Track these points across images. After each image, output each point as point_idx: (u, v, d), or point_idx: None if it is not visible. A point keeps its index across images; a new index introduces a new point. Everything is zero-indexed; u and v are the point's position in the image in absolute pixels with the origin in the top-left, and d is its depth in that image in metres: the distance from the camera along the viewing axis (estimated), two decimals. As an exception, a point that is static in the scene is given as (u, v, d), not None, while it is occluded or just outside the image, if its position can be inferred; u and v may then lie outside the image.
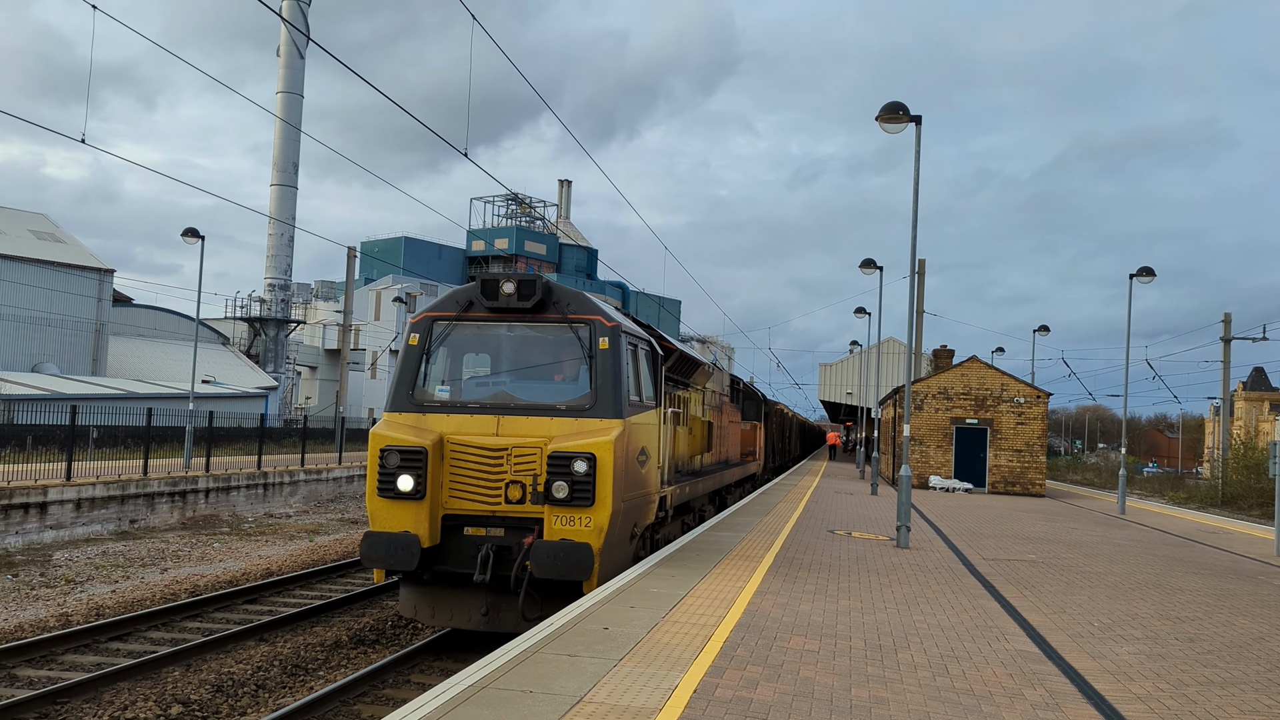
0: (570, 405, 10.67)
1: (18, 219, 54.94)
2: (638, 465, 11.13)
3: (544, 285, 11.01)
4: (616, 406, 10.57)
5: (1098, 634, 9.21)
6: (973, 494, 33.43)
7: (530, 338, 11.17)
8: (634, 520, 11.29)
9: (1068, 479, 63.07)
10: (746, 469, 26.82)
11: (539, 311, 11.05)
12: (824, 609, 9.61)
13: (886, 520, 20.27)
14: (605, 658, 7.11)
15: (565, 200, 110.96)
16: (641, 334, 12.04)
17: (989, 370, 35.61)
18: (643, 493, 11.47)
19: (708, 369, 18.59)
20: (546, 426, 10.50)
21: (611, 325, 10.91)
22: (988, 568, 13.64)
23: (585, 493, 10.00)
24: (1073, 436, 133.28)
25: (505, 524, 10.43)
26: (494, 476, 10.43)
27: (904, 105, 16.34)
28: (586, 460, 9.99)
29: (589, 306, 11.05)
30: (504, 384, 11.17)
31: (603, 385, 10.64)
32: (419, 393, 11.05)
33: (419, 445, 10.34)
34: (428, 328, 11.29)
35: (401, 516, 10.32)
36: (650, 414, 11.87)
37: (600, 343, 10.79)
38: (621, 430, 10.42)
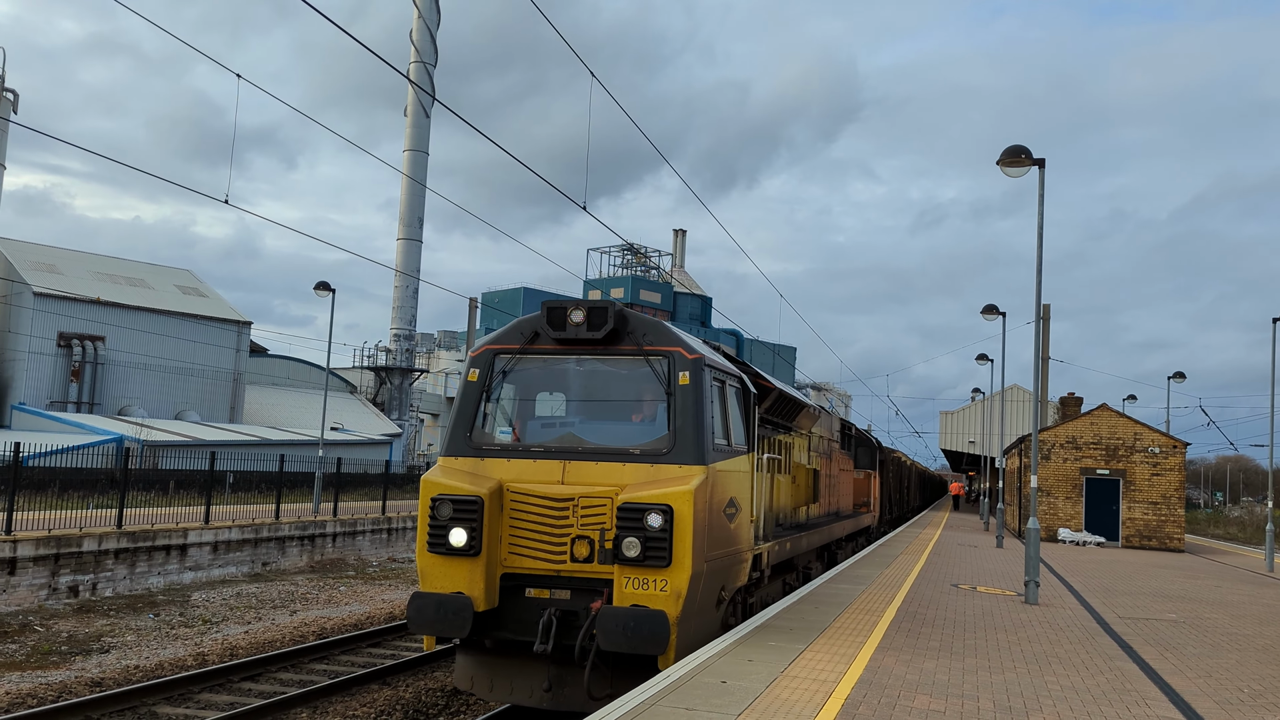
0: (645, 449, 9.41)
1: (164, 275, 58.28)
2: (725, 519, 9.86)
3: (617, 313, 9.80)
4: (699, 451, 9.29)
5: (1248, 701, 8.66)
6: (1105, 548, 31.98)
7: (601, 372, 10.00)
8: (721, 583, 9.94)
9: (1208, 533, 59.70)
10: (859, 521, 24.99)
11: (611, 343, 9.86)
12: (949, 667, 9.31)
13: (1013, 574, 19.55)
14: (723, 713, 7.02)
15: (680, 249, 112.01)
16: (731, 370, 10.83)
17: (1120, 418, 34.19)
18: (731, 550, 10.15)
19: (813, 411, 17.12)
20: (618, 474, 9.30)
21: (694, 358, 9.68)
22: (1124, 626, 13.00)
23: (660, 551, 8.76)
24: (1213, 488, 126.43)
25: (571, 585, 9.24)
26: (559, 530, 9.27)
27: (1026, 149, 16.03)
28: (662, 513, 8.77)
29: (668, 337, 9.84)
30: (572, 425, 9.99)
31: (682, 426, 9.39)
32: (478, 435, 9.94)
33: (474, 494, 9.23)
34: (489, 362, 10.17)
35: (454, 575, 9.22)
36: (741, 460, 10.61)
37: (680, 378, 9.56)
38: (704, 479, 9.16)
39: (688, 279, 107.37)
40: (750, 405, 11.23)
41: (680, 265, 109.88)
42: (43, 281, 49.72)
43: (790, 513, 15.21)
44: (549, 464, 9.50)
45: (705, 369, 9.70)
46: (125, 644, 15.37)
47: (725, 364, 10.68)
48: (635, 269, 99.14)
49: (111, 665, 13.84)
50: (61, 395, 49.65)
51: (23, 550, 18.19)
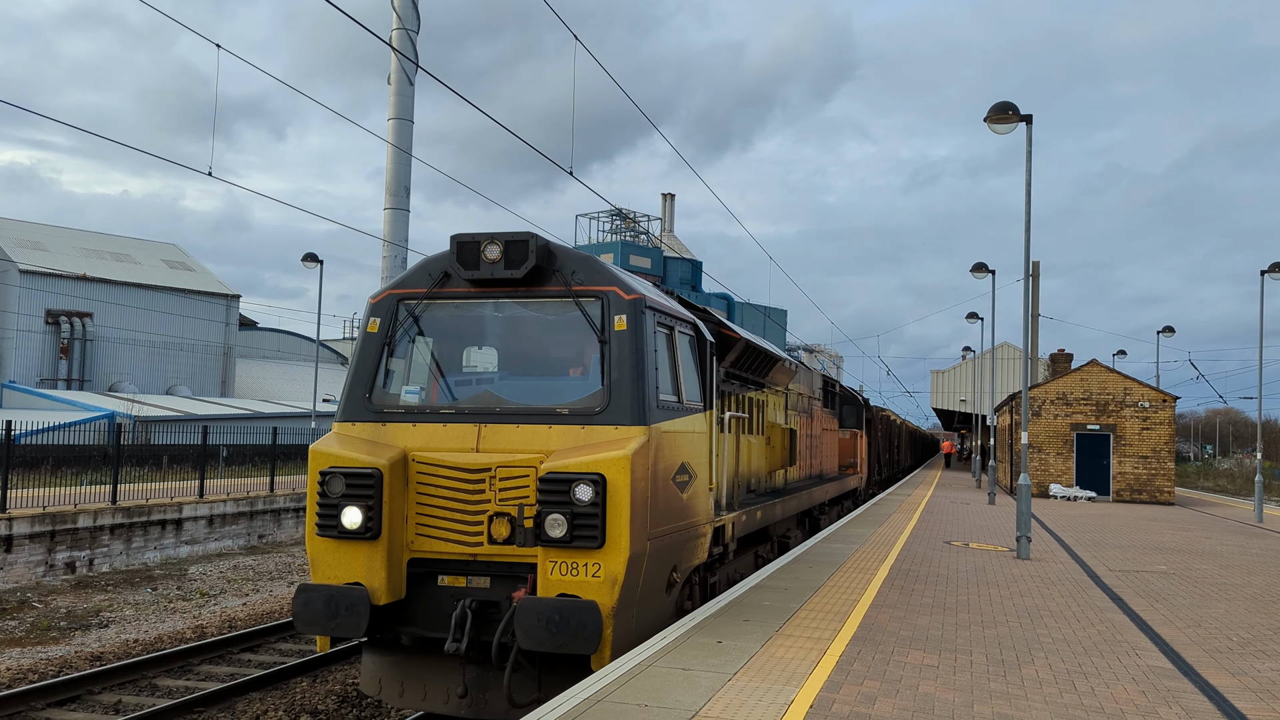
0: (575, 409, 8.08)
1: (151, 249, 57.91)
2: (674, 488, 8.53)
3: (540, 247, 8.40)
4: (638, 409, 7.96)
5: (1237, 649, 8.78)
6: (1096, 502, 32.24)
7: (523, 318, 8.63)
8: (671, 563, 8.64)
9: (1198, 486, 60.24)
10: (844, 484, 23.33)
11: (535, 282, 8.49)
12: (942, 622, 9.40)
13: (1005, 530, 19.71)
14: (720, 671, 7.09)
15: (669, 214, 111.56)
16: (682, 314, 9.44)
17: (1110, 374, 34.35)
18: (684, 524, 8.83)
19: (789, 366, 15.57)
20: (544, 438, 8.00)
21: (632, 298, 8.28)
22: (1115, 579, 13.14)
23: (590, 530, 7.47)
24: (1202, 441, 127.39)
25: (491, 571, 8.02)
26: (474, 507, 7.98)
27: (1013, 105, 15.96)
28: (592, 484, 7.48)
29: (602, 274, 8.46)
30: (489, 382, 8.68)
31: (618, 380, 8.03)
32: (379, 396, 8.60)
33: (371, 466, 7.93)
34: (391, 310, 8.79)
35: (350, 563, 7.96)
36: (695, 419, 9.22)
37: (616, 322, 8.19)
38: (645, 441, 7.83)
39: (677, 243, 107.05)
40: (707, 356, 9.87)
41: (669, 230, 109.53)
42: (28, 259, 49.36)
43: (764, 477, 14.28)
44: (462, 428, 8.22)
45: (646, 312, 8.36)
46: (124, 618, 15.44)
47: (675, 307, 9.34)
48: (624, 234, 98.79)
49: (111, 640, 13.92)
50: (51, 373, 49.47)
51: (18, 528, 18.21)
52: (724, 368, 11.50)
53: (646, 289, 8.94)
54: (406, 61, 68.68)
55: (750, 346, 12.46)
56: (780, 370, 14.84)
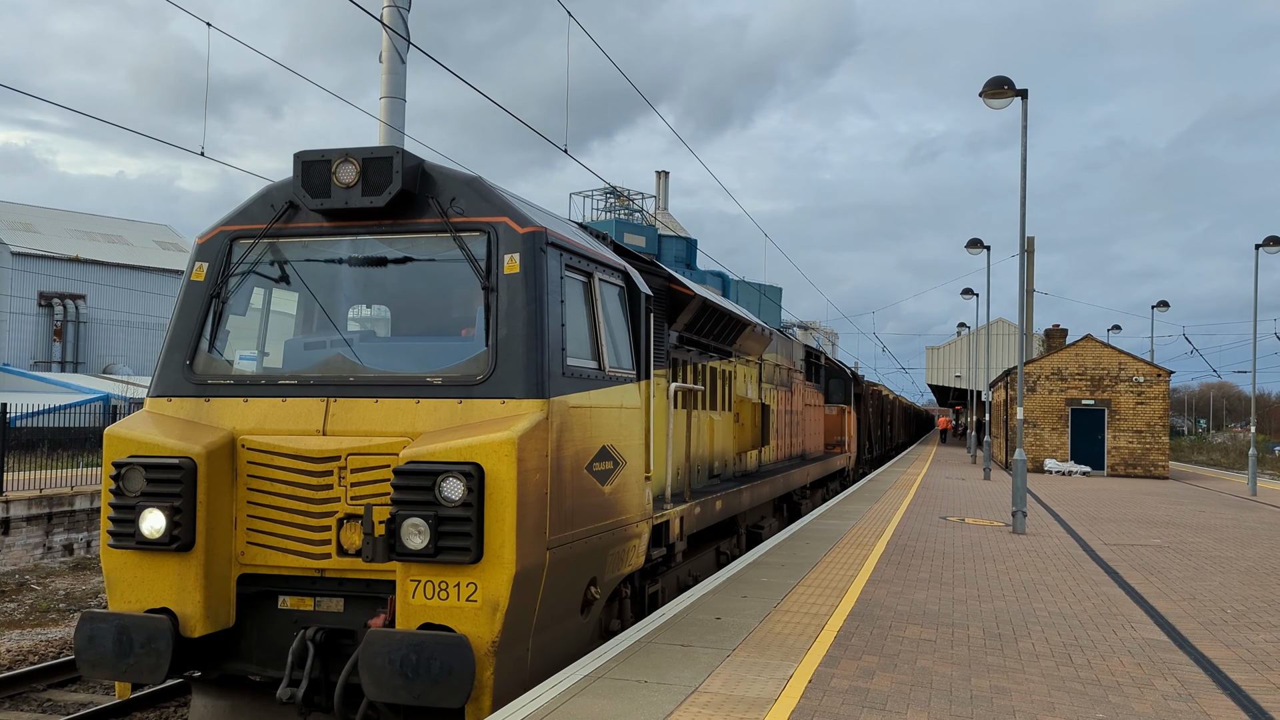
0: (450, 377, 6.29)
1: (143, 230, 57.71)
2: (590, 480, 6.82)
3: (410, 168, 6.57)
4: (533, 376, 6.18)
5: (1231, 621, 8.85)
6: (1091, 477, 32.39)
7: (387, 259, 6.80)
8: (587, 574, 6.94)
9: (1192, 460, 60.54)
10: (830, 464, 21.47)
11: (403, 213, 6.65)
12: (939, 597, 9.46)
13: (1001, 506, 19.80)
14: (719, 648, 7.13)
15: (663, 192, 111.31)
16: (607, 259, 7.68)
17: (1105, 349, 34.43)
18: (607, 525, 7.13)
19: (762, 334, 13.91)
20: (409, 415, 6.22)
21: (528, 232, 6.46)
22: (1110, 553, 13.21)
23: (461, 538, 5.70)
24: (1196, 416, 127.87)
25: (345, 590, 6.24)
26: (319, 507, 6.19)
27: (1009, 79, 15.93)
28: (463, 477, 5.71)
29: (491, 202, 6.60)
30: (341, 344, 6.78)
31: (507, 339, 6.23)
32: (203, 363, 6.77)
33: (179, 454, 6.13)
34: (222, 251, 6.94)
35: (154, 582, 6.17)
36: (624, 391, 7.49)
37: (507, 263, 6.38)
38: (541, 419, 6.07)
39: (672, 221, 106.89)
40: (644, 314, 8.06)
41: (664, 208, 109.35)
42: (20, 241, 49.18)
43: (732, 459, 12.90)
44: (305, 404, 6.41)
45: (549, 251, 6.56)
46: (123, 600, 15.47)
47: (597, 249, 7.64)
48: (619, 212, 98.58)
49: (110, 621, 13.94)
50: (45, 355, 49.39)
51: (15, 510, 18.21)
52: (676, 331, 10.05)
53: (553, 222, 7.08)
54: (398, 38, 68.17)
55: (709, 307, 10.73)
56: (751, 337, 13.33)
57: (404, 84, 67.25)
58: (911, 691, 6.21)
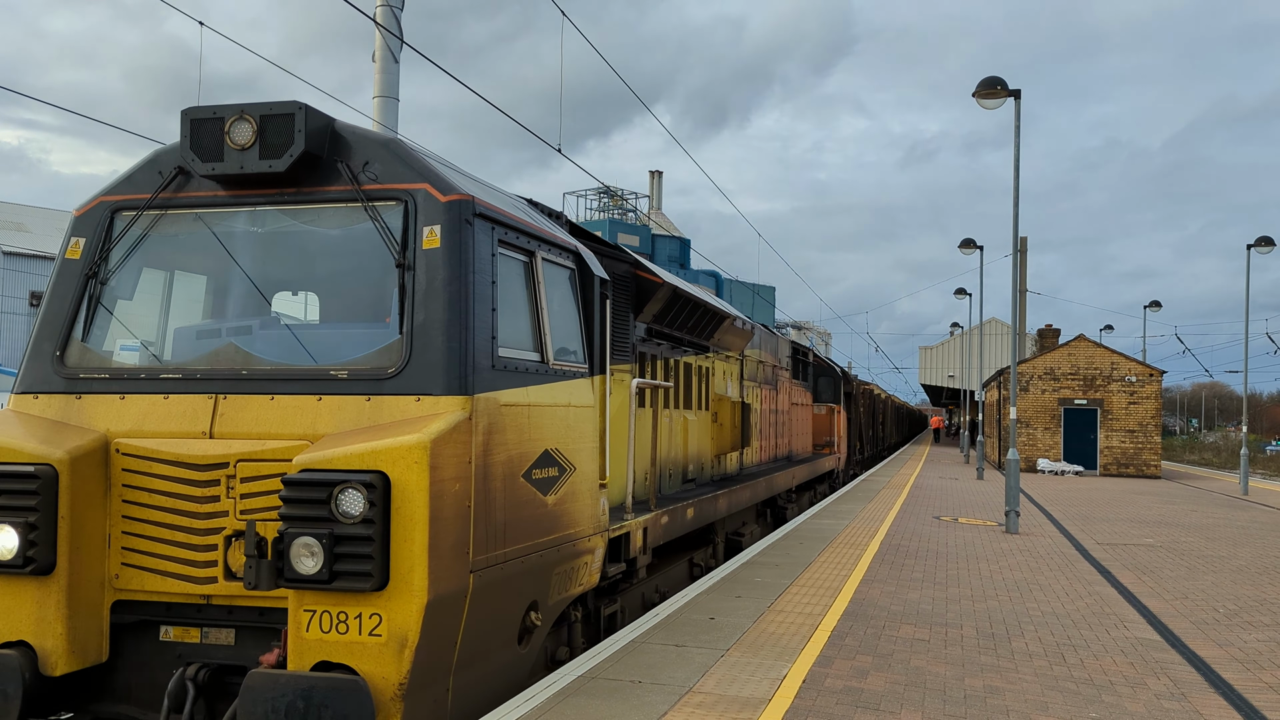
0: (358, 369, 5.44)
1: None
2: (527, 489, 5.96)
3: (318, 130, 5.72)
4: (455, 369, 5.36)
5: (1223, 620, 8.87)
6: (1083, 477, 32.47)
7: (289, 234, 5.91)
8: (526, 599, 6.08)
9: (1184, 459, 60.71)
10: (818, 465, 20.59)
11: (308, 180, 5.80)
12: (933, 597, 9.47)
13: (994, 505, 19.84)
14: (712, 648, 7.13)
15: (657, 191, 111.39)
16: (555, 238, 6.81)
17: (1097, 349, 34.52)
18: (549, 541, 6.26)
19: (742, 328, 13.23)
20: (310, 415, 5.39)
21: (452, 200, 5.61)
22: (1103, 553, 13.24)
23: (361, 560, 4.87)
24: (1188, 415, 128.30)
25: (236, 619, 5.38)
26: (205, 522, 5.33)
27: (1001, 79, 15.96)
28: (363, 488, 4.88)
29: (410, 167, 5.74)
30: (234, 331, 5.87)
31: (425, 325, 5.41)
32: (76, 354, 5.88)
33: (37, 460, 5.26)
34: (100, 225, 6.05)
35: (9, 611, 5.29)
36: (573, 388, 6.67)
37: (426, 237, 5.55)
38: (462, 419, 5.25)
39: (666, 220, 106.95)
40: (597, 300, 7.22)
41: (657, 207, 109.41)
42: (12, 240, 49.03)
43: (709, 462, 12.21)
44: (191, 401, 5.54)
45: (477, 223, 5.71)
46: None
47: (540, 226, 6.72)
48: (612, 212, 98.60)
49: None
50: (37, 355, 49.23)
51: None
52: (644, 323, 9.45)
53: (487, 193, 6.22)
54: (391, 37, 68.19)
55: (680, 296, 9.97)
56: (730, 331, 12.62)
57: (397, 83, 67.17)
58: (905, 691, 6.22)
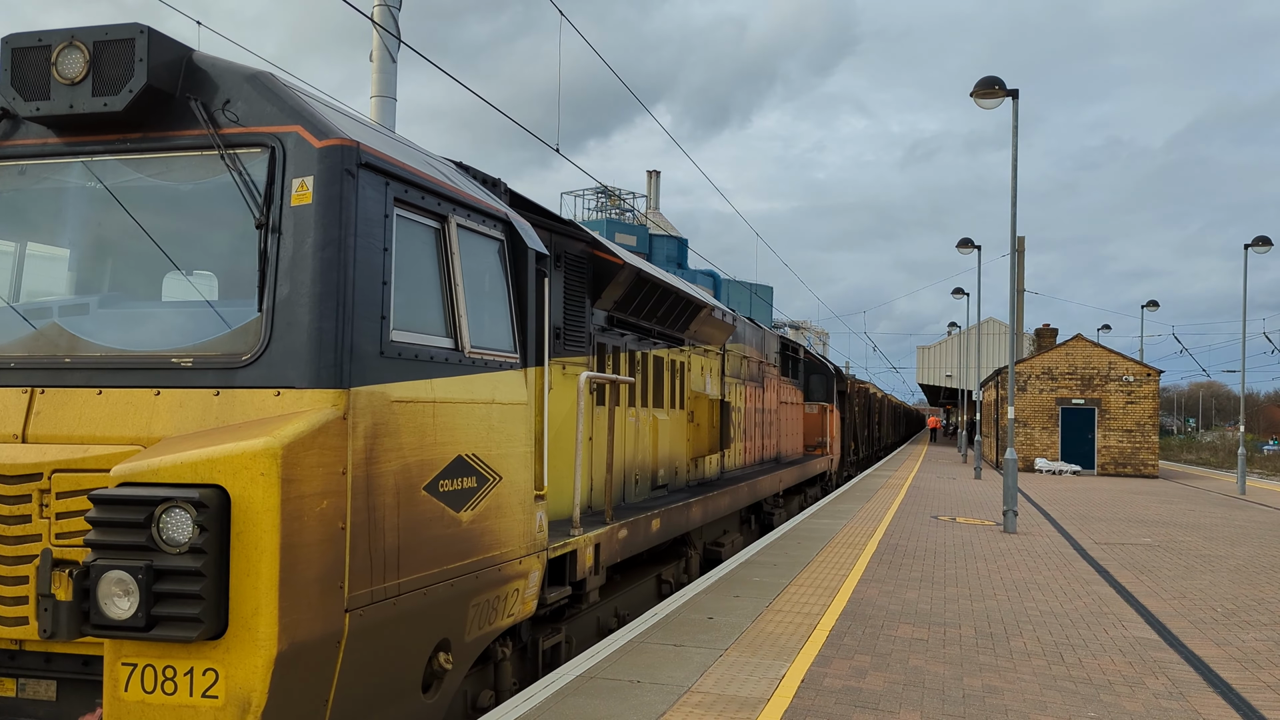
0: (204, 357, 4.44)
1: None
2: (433, 505, 4.94)
3: (169, 62, 4.65)
4: (326, 355, 4.35)
5: (1222, 620, 8.88)
6: (1081, 476, 32.49)
7: (129, 189, 4.79)
8: (430, 639, 5.06)
9: (1181, 459, 60.77)
10: (809, 468, 19.43)
11: (155, 122, 4.71)
12: (931, 596, 9.47)
13: (992, 505, 19.85)
14: (711, 647, 7.12)
15: (654, 191, 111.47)
16: (474, 200, 5.70)
17: (1095, 348, 34.54)
18: (465, 567, 5.25)
19: (723, 319, 12.22)
20: (145, 412, 4.37)
21: (327, 146, 4.53)
22: (1100, 552, 13.25)
23: (189, 602, 3.88)
24: (1185, 415, 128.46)
25: (56, 670, 4.37)
26: (12, 547, 4.31)
27: (999, 79, 15.96)
28: (193, 508, 3.90)
29: (277, 106, 4.63)
30: (65, 310, 4.85)
31: (289, 301, 4.40)
32: None
33: None
34: None
35: None
36: (500, 381, 5.67)
37: (295, 191, 4.51)
38: (330, 419, 4.25)
39: (663, 220, 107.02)
40: (531, 278, 6.18)
41: (655, 207, 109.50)
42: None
43: (684, 466, 11.20)
44: (2, 396, 4.58)
45: (362, 175, 4.64)
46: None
47: (460, 186, 5.67)
48: (610, 212, 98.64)
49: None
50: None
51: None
52: (604, 310, 8.62)
53: (381, 141, 5.11)
54: (389, 37, 68.17)
55: (645, 280, 9.01)
56: (708, 323, 11.63)
57: (395, 83, 67.12)
58: (904, 691, 6.22)
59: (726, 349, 13.41)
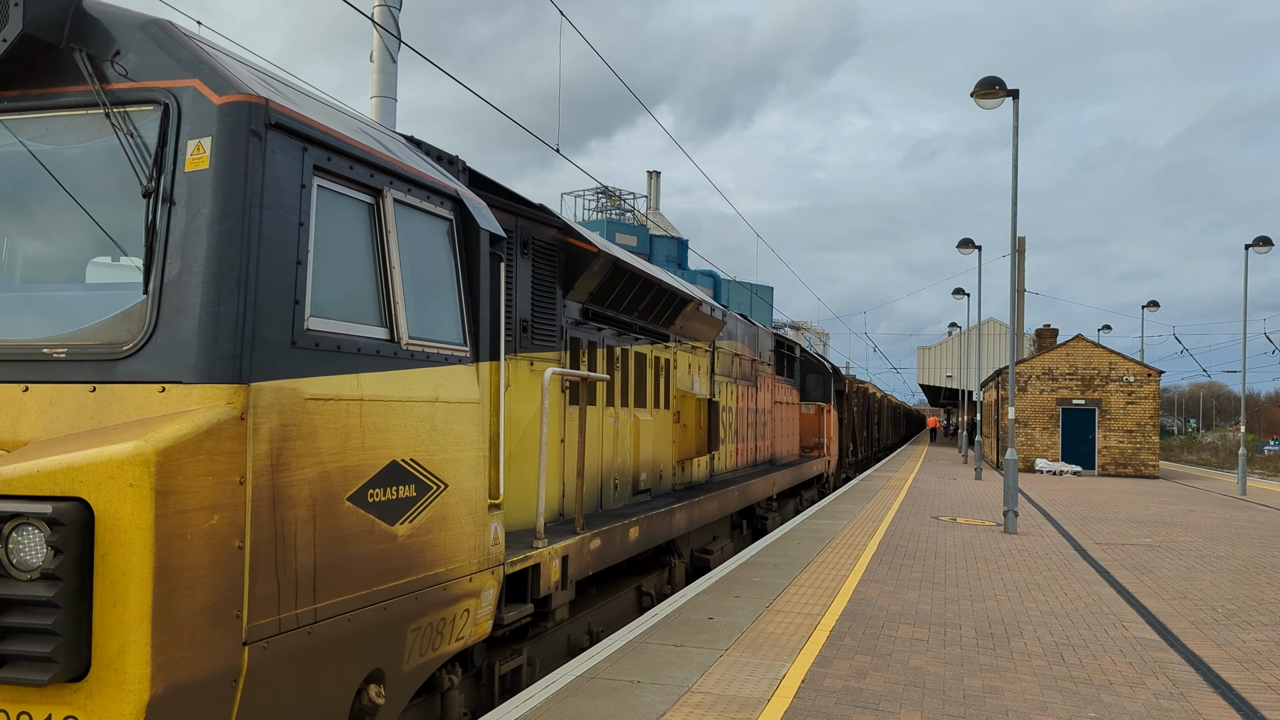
0: (78, 347, 3.86)
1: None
2: (360, 518, 4.39)
3: (55, 10, 4.12)
4: (222, 344, 3.77)
5: (1222, 620, 8.87)
6: (1081, 476, 32.48)
7: (2, 154, 4.25)
8: (357, 672, 4.50)
9: (1182, 459, 60.75)
10: (804, 470, 18.73)
11: (34, 80, 4.20)
12: (931, 597, 9.46)
13: (992, 505, 19.84)
14: (711, 648, 7.12)
15: (654, 192, 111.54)
16: (424, 178, 5.18)
17: (1096, 349, 34.53)
18: (401, 587, 4.70)
19: (711, 314, 11.81)
20: (10, 412, 3.81)
21: (229, 103, 3.98)
22: (1101, 553, 13.24)
23: (40, 638, 3.30)
24: (1186, 415, 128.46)
25: None
26: None
27: (1000, 80, 15.97)
28: (46, 526, 3.32)
29: (173, 58, 4.09)
30: None
31: (180, 281, 3.82)
32: None
33: None
34: None
35: None
36: (446, 377, 5.12)
37: (189, 153, 3.95)
38: (224, 420, 3.68)
39: (663, 220, 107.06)
40: (485, 263, 5.61)
41: (655, 207, 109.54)
42: None
43: (669, 469, 10.76)
44: None
45: (271, 138, 4.08)
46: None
47: (399, 157, 5.09)
48: (610, 212, 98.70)
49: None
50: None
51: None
52: (578, 302, 8.15)
53: (287, 95, 4.45)
54: (389, 37, 68.25)
55: (624, 271, 8.50)
56: (696, 318, 11.13)
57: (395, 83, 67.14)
58: (904, 691, 6.21)
59: (716, 346, 12.98)
